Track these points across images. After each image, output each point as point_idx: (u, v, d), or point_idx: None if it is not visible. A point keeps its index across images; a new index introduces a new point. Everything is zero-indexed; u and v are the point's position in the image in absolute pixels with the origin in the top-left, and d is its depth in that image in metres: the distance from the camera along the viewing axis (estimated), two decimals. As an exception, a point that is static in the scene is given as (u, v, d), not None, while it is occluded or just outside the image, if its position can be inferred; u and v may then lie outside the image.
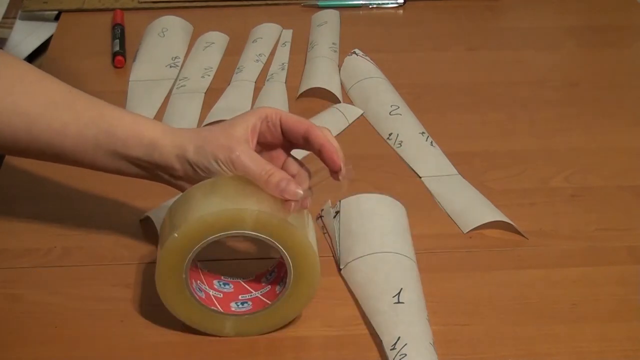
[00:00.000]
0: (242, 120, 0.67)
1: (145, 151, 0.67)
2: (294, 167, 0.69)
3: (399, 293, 0.70)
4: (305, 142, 0.67)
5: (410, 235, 0.78)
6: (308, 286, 0.67)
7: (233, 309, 0.68)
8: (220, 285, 0.70)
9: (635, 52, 1.15)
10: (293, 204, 0.64)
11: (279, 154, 0.70)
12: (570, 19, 1.23)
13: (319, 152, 0.67)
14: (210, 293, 0.69)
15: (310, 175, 0.69)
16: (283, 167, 0.69)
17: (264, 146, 0.69)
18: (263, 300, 0.69)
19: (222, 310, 0.68)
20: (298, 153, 0.71)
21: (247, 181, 0.65)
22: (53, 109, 0.68)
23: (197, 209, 0.63)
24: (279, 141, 0.69)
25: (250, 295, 0.70)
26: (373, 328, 0.69)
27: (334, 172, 0.67)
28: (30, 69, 0.70)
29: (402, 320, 0.68)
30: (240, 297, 0.69)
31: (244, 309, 0.68)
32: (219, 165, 0.65)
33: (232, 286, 0.70)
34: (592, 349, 0.69)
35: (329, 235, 0.80)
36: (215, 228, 0.63)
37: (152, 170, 0.69)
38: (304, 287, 0.67)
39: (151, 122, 0.69)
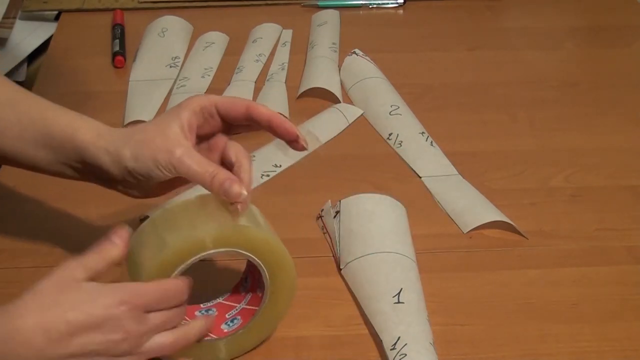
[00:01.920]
0: (176, 117, 0.62)
1: (80, 154, 0.64)
2: (232, 151, 0.64)
3: (399, 293, 0.70)
4: (250, 121, 0.64)
5: (410, 236, 0.78)
6: (286, 276, 0.65)
7: (225, 330, 0.67)
8: (203, 313, 0.68)
9: (635, 52, 1.15)
10: (239, 205, 0.60)
11: (218, 139, 0.65)
12: (570, 19, 1.23)
13: (268, 127, 0.64)
14: None
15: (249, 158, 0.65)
16: (224, 152, 0.65)
17: (202, 138, 0.65)
18: (250, 308, 0.67)
19: (215, 337, 0.66)
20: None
21: (188, 204, 0.63)
22: None
23: (153, 253, 0.60)
24: (218, 128, 0.65)
25: (236, 310, 0.68)
26: (373, 328, 0.69)
27: (294, 142, 0.64)
28: None
29: (402, 320, 0.68)
30: (227, 315, 0.68)
31: (235, 326, 0.67)
32: (160, 171, 0.61)
33: (215, 309, 0.68)
34: (592, 349, 0.69)
35: (329, 235, 0.80)
36: (177, 263, 0.60)
37: (89, 174, 0.66)
38: (282, 278, 0.65)
39: (87, 124, 0.65)
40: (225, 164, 0.64)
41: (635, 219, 0.83)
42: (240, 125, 0.65)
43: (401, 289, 0.71)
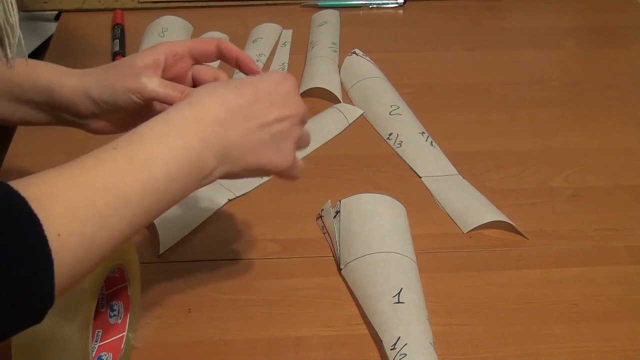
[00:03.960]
0: (145, 53, 0.63)
1: (43, 93, 0.64)
2: (207, 72, 0.67)
3: (399, 293, 0.70)
4: (220, 57, 0.67)
5: (410, 236, 0.78)
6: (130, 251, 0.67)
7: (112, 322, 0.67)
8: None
9: (635, 52, 1.15)
10: None
11: (184, 72, 0.67)
12: (570, 19, 1.23)
13: (236, 65, 0.66)
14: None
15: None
16: (196, 75, 0.67)
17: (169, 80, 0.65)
18: (118, 338, 0.68)
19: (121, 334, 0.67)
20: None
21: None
22: None
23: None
24: (187, 68, 0.66)
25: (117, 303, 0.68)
26: (373, 328, 0.69)
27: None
28: None
29: (402, 320, 0.68)
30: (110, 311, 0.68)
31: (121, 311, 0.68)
32: (128, 96, 0.62)
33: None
34: (592, 349, 0.69)
35: (329, 235, 0.80)
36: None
37: (54, 113, 0.66)
38: (131, 257, 0.67)
39: (49, 66, 0.65)
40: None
41: (635, 219, 0.83)
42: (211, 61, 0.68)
43: (401, 288, 0.71)
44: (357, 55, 1.07)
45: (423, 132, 0.94)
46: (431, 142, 0.92)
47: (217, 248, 0.78)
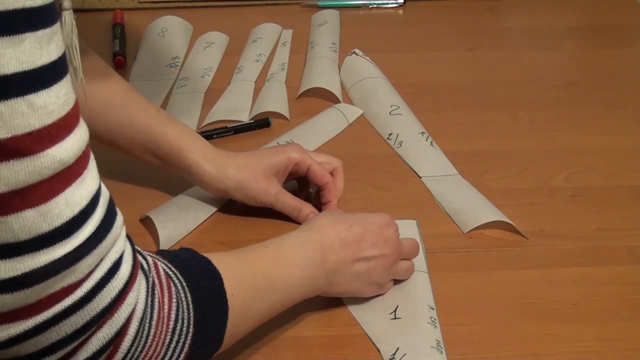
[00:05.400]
0: (276, 161, 0.78)
1: (185, 169, 0.77)
2: (315, 176, 0.80)
3: (394, 310, 0.70)
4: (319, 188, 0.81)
5: (421, 244, 0.77)
6: None
7: None
8: None
9: (635, 52, 1.15)
10: None
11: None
12: (570, 19, 1.23)
13: (321, 194, 0.81)
14: None
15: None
16: (308, 177, 0.81)
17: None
18: None
19: None
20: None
21: None
22: (109, 109, 0.76)
23: None
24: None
25: None
26: (373, 328, 0.69)
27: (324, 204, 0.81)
28: (98, 61, 0.76)
29: (399, 333, 0.68)
30: None
31: None
32: (256, 203, 0.78)
33: None
34: (592, 349, 0.68)
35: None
36: None
37: (179, 174, 0.79)
38: None
39: (193, 144, 0.77)
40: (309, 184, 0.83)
41: (635, 219, 0.83)
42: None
43: (397, 306, 0.71)
44: (357, 55, 1.07)
45: (423, 132, 0.94)
46: (431, 142, 0.92)
47: (217, 248, 0.78)
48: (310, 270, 0.65)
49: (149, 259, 0.53)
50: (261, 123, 0.95)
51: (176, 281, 0.54)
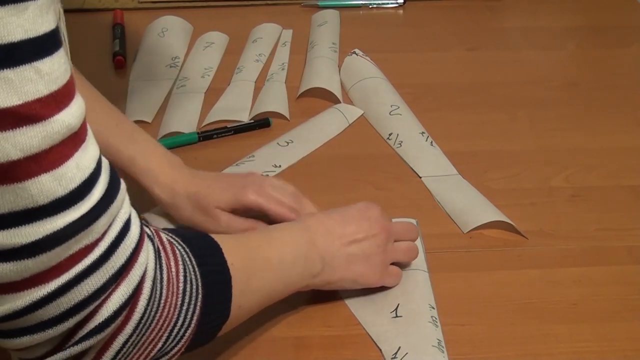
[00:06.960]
0: (225, 200, 0.75)
1: (154, 198, 0.77)
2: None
3: (396, 309, 0.70)
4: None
5: (422, 244, 0.77)
6: None
7: None
8: None
9: (635, 52, 1.15)
10: None
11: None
12: (570, 19, 1.23)
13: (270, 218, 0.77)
14: None
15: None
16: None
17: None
18: None
19: None
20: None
21: None
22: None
23: None
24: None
25: None
26: (373, 328, 0.69)
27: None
28: (87, 91, 0.75)
29: (401, 332, 0.68)
30: None
31: None
32: (209, 228, 0.75)
33: None
34: (592, 349, 0.69)
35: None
36: None
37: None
38: None
39: (163, 179, 0.76)
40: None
41: (635, 219, 0.83)
42: None
43: (398, 304, 0.71)
44: (357, 55, 1.07)
45: (423, 132, 0.94)
46: (431, 142, 0.92)
47: (217, 248, 0.78)
48: (301, 247, 0.66)
49: (151, 227, 0.54)
50: (261, 123, 0.95)
51: (179, 247, 0.56)
